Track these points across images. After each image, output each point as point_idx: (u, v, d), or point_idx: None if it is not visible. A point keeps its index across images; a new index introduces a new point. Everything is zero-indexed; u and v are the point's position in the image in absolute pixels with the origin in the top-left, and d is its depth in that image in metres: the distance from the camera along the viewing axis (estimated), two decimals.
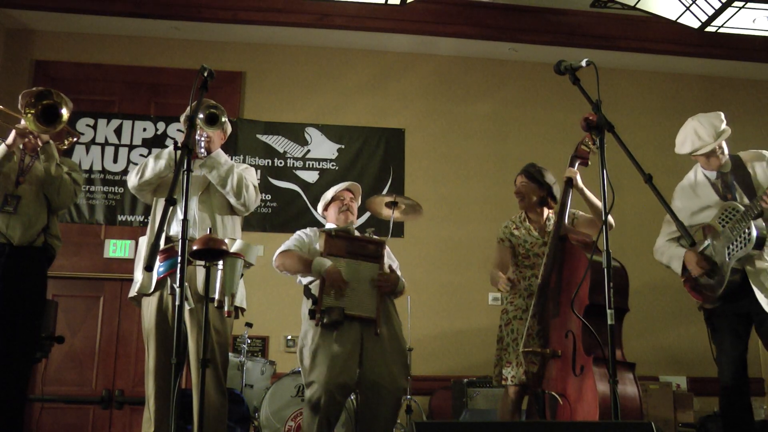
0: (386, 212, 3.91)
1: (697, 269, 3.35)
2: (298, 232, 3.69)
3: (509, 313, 3.60)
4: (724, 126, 3.38)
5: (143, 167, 3.31)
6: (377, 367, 3.36)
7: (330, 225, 3.72)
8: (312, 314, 3.37)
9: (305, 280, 3.57)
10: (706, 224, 3.37)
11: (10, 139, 3.30)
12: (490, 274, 3.71)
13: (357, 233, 3.70)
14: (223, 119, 3.19)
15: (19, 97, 3.28)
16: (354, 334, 3.37)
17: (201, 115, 3.07)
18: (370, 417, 3.35)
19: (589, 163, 3.48)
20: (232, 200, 3.34)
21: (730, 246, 3.22)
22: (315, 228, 3.75)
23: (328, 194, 3.74)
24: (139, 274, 3.28)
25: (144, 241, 3.35)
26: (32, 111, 3.21)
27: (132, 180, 3.34)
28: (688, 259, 3.39)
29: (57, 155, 3.41)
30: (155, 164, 3.28)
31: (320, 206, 3.81)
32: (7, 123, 3.36)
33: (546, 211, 3.71)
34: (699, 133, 3.36)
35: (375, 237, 3.61)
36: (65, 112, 3.27)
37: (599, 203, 3.41)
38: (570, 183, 3.45)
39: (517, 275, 3.66)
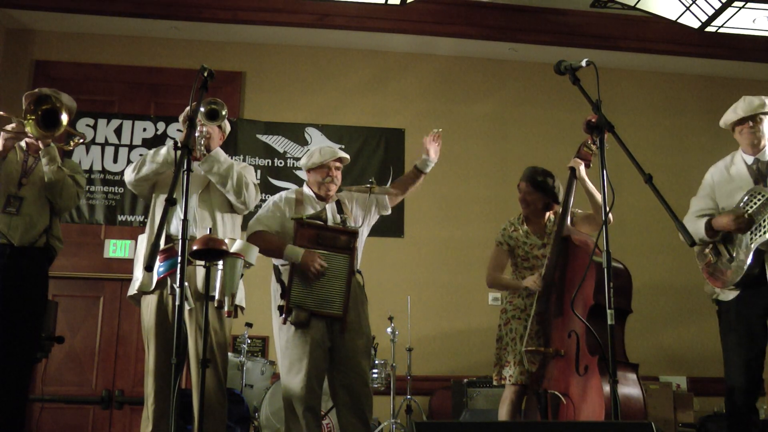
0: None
1: (733, 224, 3.19)
2: (274, 203, 3.51)
3: (508, 312, 3.59)
4: (764, 107, 3.35)
5: (140, 163, 3.32)
6: (344, 361, 3.35)
7: (307, 190, 3.57)
8: (280, 310, 3.33)
9: (277, 261, 3.48)
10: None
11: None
12: (493, 279, 3.69)
13: (335, 214, 3.55)
14: (224, 113, 3.18)
15: (23, 98, 3.28)
16: (322, 329, 3.33)
17: (202, 109, 3.07)
18: (348, 414, 3.36)
19: (591, 164, 3.47)
20: (232, 199, 3.34)
21: (753, 230, 3.15)
22: (292, 191, 3.59)
23: (316, 157, 3.52)
24: (138, 273, 3.28)
25: (143, 240, 3.35)
26: (32, 117, 3.21)
27: (129, 175, 3.35)
28: (719, 220, 3.25)
29: (59, 158, 3.40)
30: (152, 161, 3.29)
31: (304, 162, 3.59)
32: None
33: (548, 214, 3.70)
34: (737, 107, 3.42)
35: (349, 226, 3.48)
36: (65, 116, 3.27)
37: (600, 197, 3.41)
38: (574, 173, 3.44)
39: (516, 277, 3.66)
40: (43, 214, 3.37)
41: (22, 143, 3.41)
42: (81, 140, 3.63)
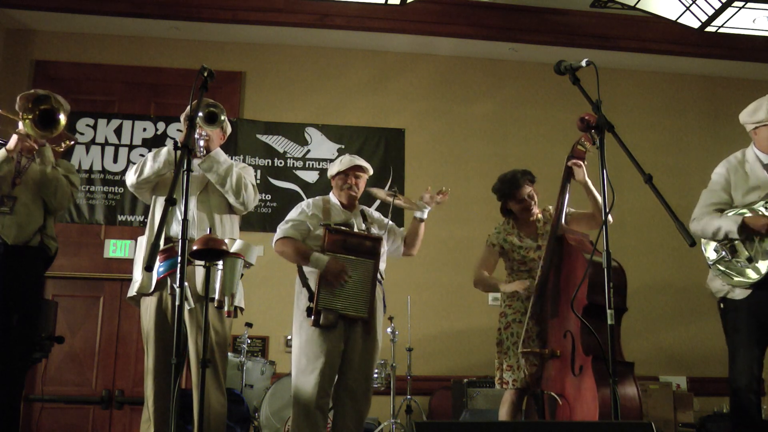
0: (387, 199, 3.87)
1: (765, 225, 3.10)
2: (301, 209, 3.59)
3: (508, 316, 3.57)
4: None
5: (142, 165, 3.31)
6: (355, 365, 3.40)
7: (333, 198, 3.67)
8: (309, 312, 3.37)
9: (305, 268, 3.53)
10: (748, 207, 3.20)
11: (11, 144, 3.28)
12: (480, 279, 3.66)
13: (361, 216, 3.65)
14: (222, 117, 3.19)
15: (17, 99, 3.27)
16: (340, 330, 3.38)
17: (200, 114, 3.07)
18: (344, 415, 3.39)
19: (586, 162, 3.46)
20: (231, 199, 3.34)
21: None
22: (320, 199, 3.67)
23: (336, 166, 3.68)
24: (138, 274, 3.28)
25: (143, 241, 3.35)
26: (29, 116, 3.20)
27: (130, 178, 3.34)
28: (756, 221, 3.13)
29: (53, 158, 3.39)
30: (154, 162, 3.28)
31: (330, 171, 3.76)
32: (5, 126, 3.35)
33: (534, 211, 3.68)
34: None
35: (374, 233, 3.59)
36: (63, 117, 3.26)
37: (600, 198, 3.40)
38: (570, 172, 3.40)
39: (513, 279, 3.63)
40: (37, 214, 3.37)
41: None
42: (72, 142, 3.62)
